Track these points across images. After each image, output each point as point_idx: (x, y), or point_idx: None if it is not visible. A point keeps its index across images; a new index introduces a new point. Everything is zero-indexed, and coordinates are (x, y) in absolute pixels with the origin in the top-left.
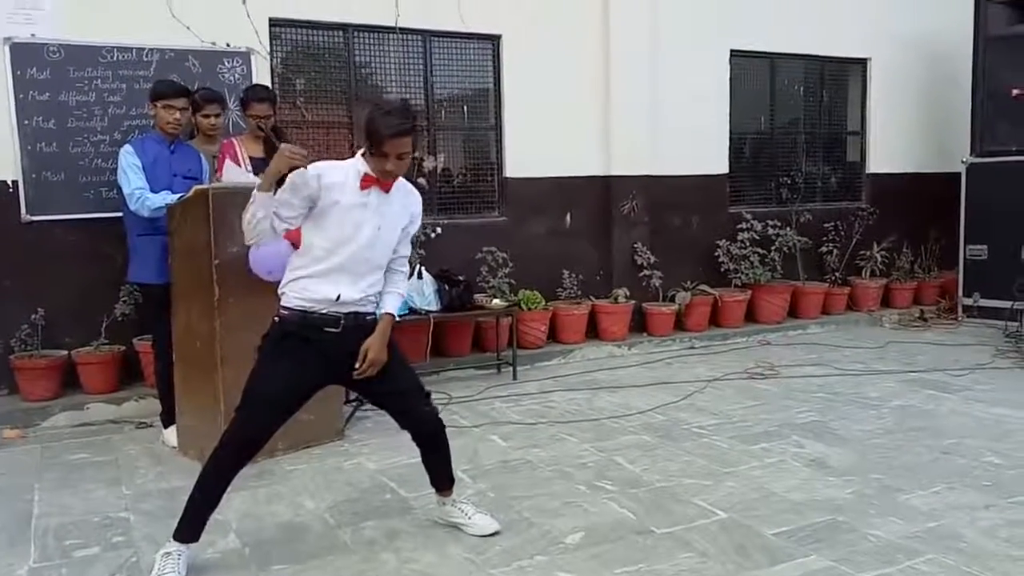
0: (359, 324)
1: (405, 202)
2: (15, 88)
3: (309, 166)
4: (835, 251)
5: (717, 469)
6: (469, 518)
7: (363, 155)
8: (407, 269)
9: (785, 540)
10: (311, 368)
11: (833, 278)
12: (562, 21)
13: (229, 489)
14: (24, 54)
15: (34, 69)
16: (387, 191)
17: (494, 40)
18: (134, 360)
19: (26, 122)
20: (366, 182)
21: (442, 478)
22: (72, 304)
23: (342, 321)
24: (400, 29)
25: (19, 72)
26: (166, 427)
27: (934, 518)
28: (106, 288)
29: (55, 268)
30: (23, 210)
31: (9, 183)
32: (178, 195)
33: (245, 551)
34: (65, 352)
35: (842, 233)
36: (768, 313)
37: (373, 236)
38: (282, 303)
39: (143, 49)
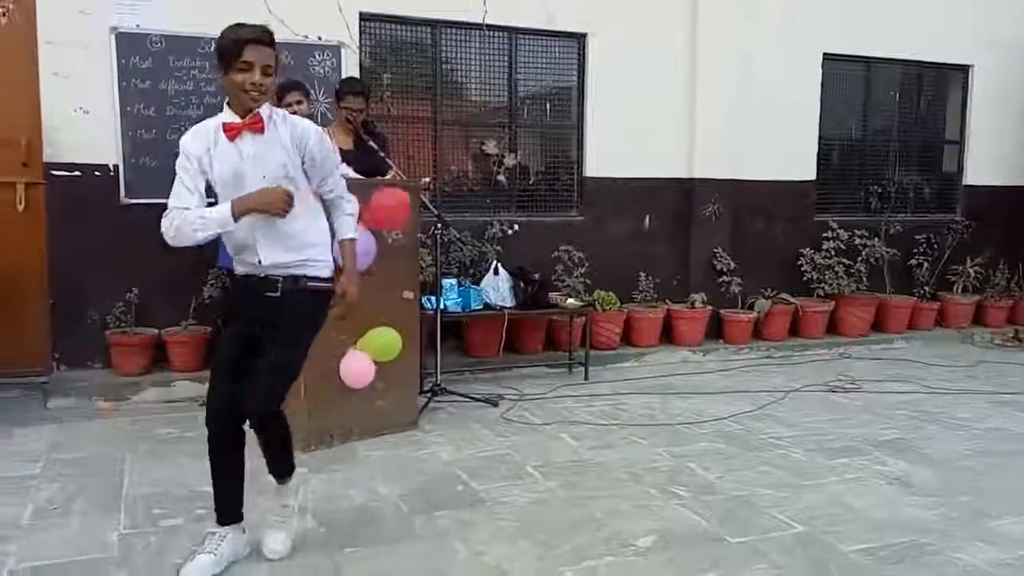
0: (298, 288)
1: (291, 135)
2: (119, 76)
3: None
4: (925, 264)
5: (794, 481)
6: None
7: (228, 104)
8: (350, 197)
9: (864, 558)
10: (244, 327)
11: (922, 292)
12: (650, 20)
13: (306, 470)
14: (129, 43)
15: (137, 58)
16: (261, 131)
17: (580, 38)
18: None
19: (128, 109)
20: (231, 130)
21: (270, 465)
22: (164, 285)
23: (279, 284)
24: (487, 26)
25: (123, 61)
26: None
27: None
28: (196, 271)
29: (149, 250)
30: (122, 193)
31: (110, 167)
32: None
33: (321, 531)
34: (156, 330)
35: (934, 246)
36: (851, 325)
37: (260, 186)
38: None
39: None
